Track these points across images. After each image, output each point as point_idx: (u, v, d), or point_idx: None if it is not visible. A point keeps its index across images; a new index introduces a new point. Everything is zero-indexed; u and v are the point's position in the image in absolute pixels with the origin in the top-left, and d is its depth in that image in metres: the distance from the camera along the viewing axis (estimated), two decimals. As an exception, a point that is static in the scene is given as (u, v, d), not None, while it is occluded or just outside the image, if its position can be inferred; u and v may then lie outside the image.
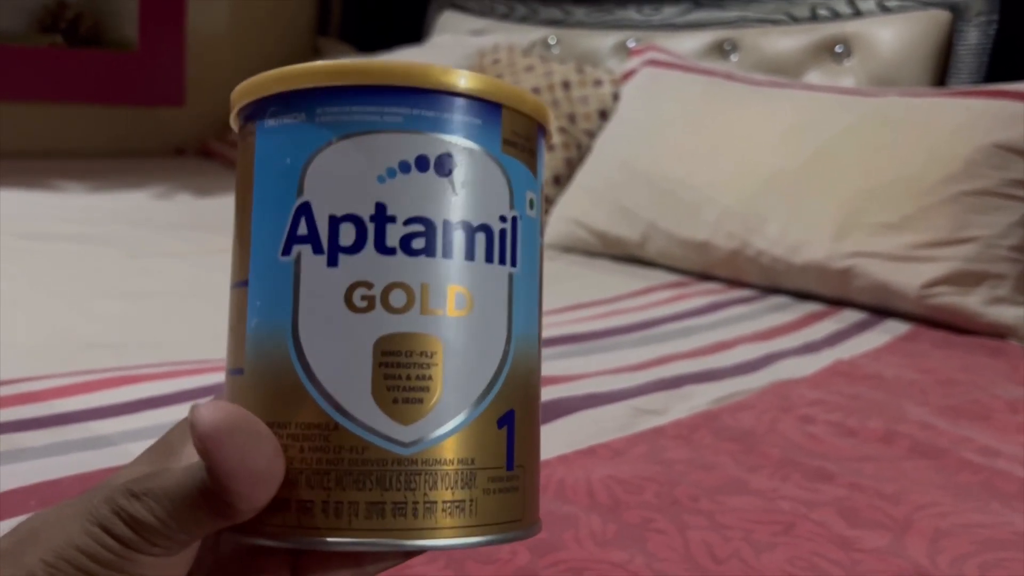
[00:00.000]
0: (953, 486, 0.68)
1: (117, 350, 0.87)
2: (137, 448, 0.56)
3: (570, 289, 1.29)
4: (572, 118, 1.79)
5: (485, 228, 0.29)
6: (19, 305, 1.00)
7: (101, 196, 1.84)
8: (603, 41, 2.04)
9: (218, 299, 0.30)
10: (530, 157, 0.31)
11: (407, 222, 0.28)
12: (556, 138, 1.77)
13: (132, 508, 0.26)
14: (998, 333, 1.19)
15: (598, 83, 1.81)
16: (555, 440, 0.72)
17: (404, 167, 0.28)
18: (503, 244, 0.29)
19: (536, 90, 1.83)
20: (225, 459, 0.25)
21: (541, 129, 0.32)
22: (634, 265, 1.52)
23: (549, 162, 1.76)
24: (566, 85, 1.82)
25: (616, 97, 1.78)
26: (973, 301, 1.20)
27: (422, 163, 0.28)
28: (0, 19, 2.46)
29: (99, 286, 1.12)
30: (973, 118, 1.28)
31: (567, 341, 1.00)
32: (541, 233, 0.32)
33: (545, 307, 0.33)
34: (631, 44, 1.97)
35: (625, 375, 0.89)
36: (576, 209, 1.60)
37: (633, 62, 1.79)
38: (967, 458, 0.73)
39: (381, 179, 0.28)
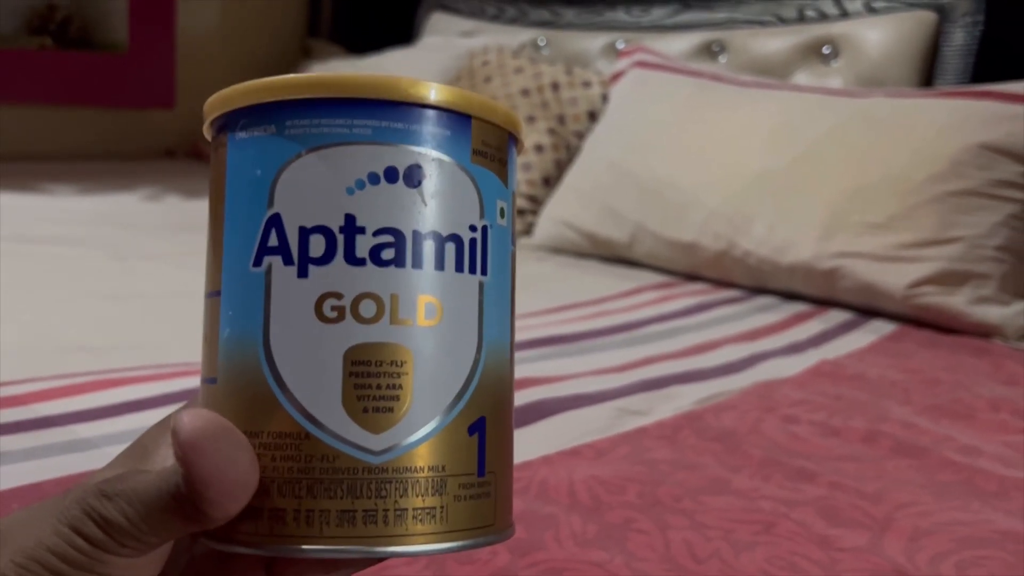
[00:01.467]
0: (934, 485, 0.69)
1: (100, 353, 0.87)
2: (119, 451, 0.56)
3: (558, 290, 1.29)
4: (561, 119, 1.80)
5: (455, 238, 0.29)
6: (4, 307, 1.00)
7: (90, 198, 1.84)
8: (592, 42, 2.04)
9: (202, 302, 0.30)
10: (500, 167, 0.31)
11: (376, 233, 0.28)
12: (545, 139, 1.77)
13: (103, 508, 0.26)
14: (983, 332, 1.20)
15: (587, 84, 1.82)
16: (538, 441, 0.72)
17: (373, 179, 0.28)
18: (473, 253, 0.29)
19: (526, 91, 1.83)
20: (203, 467, 0.25)
21: (512, 138, 0.32)
22: (622, 266, 1.52)
23: (538, 163, 1.76)
24: (555, 86, 1.82)
25: (605, 98, 1.79)
26: (958, 301, 1.21)
27: (391, 174, 0.28)
28: (-11, 21, 2.45)
29: (84, 288, 1.12)
30: (959, 118, 1.29)
31: (553, 342, 1.01)
32: (513, 241, 0.32)
33: (532, 308, 0.33)
34: (620, 45, 1.97)
35: (610, 376, 0.89)
36: (565, 210, 1.60)
37: (622, 63, 1.80)
38: (949, 457, 0.74)
39: (350, 191, 0.28)
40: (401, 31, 2.58)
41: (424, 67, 2.05)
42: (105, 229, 1.51)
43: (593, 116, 1.78)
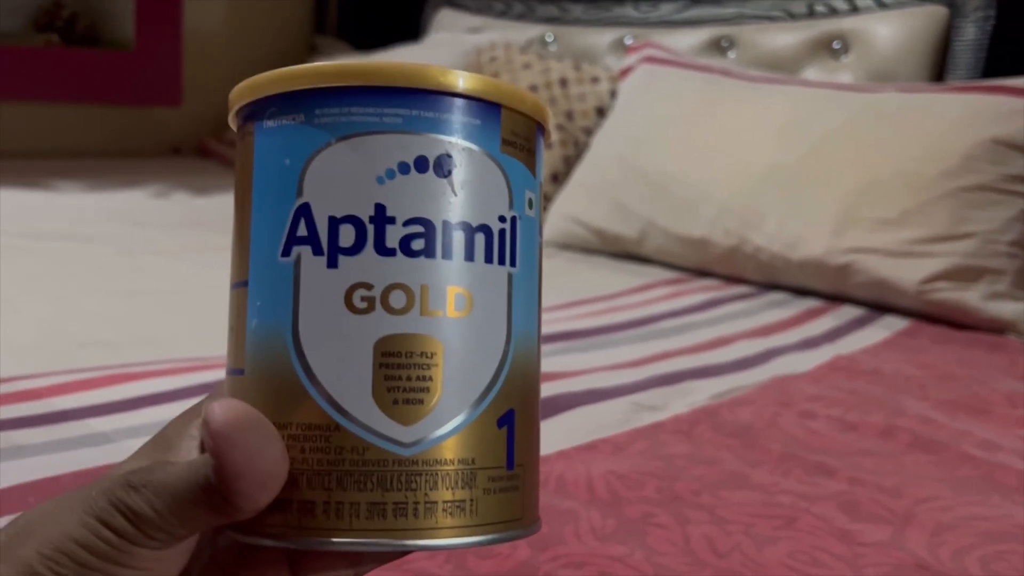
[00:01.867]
0: (953, 480, 0.68)
1: (113, 348, 0.87)
2: (134, 445, 0.55)
3: (568, 286, 1.29)
4: (570, 115, 1.79)
5: (484, 228, 0.29)
6: (16, 303, 1.00)
7: (97, 195, 1.84)
8: (600, 38, 2.04)
9: (214, 297, 0.30)
10: (529, 157, 0.31)
11: (406, 223, 0.28)
12: (554, 135, 1.77)
13: (130, 500, 0.26)
14: (997, 328, 1.19)
15: (595, 80, 1.81)
16: (555, 436, 0.71)
17: (403, 168, 0.28)
18: (502, 244, 0.29)
19: (534, 87, 1.83)
20: (235, 459, 0.25)
21: (540, 128, 0.32)
22: (632, 262, 1.52)
23: (547, 159, 1.76)
24: (563, 82, 1.82)
25: (613, 94, 1.78)
26: (972, 296, 1.20)
27: (421, 164, 0.28)
28: (-4, 18, 2.45)
29: (95, 284, 1.12)
30: (971, 113, 1.28)
31: (566, 337, 1.00)
32: (540, 232, 0.32)
33: (544, 304, 0.33)
34: (628, 41, 1.97)
35: (624, 371, 0.89)
36: (574, 206, 1.60)
37: (630, 59, 1.79)
38: (967, 452, 0.73)
39: (380, 180, 0.28)
40: (408, 27, 2.57)
41: (431, 63, 2.05)
42: (113, 226, 1.51)
43: (601, 112, 1.78)
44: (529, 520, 0.30)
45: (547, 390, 0.80)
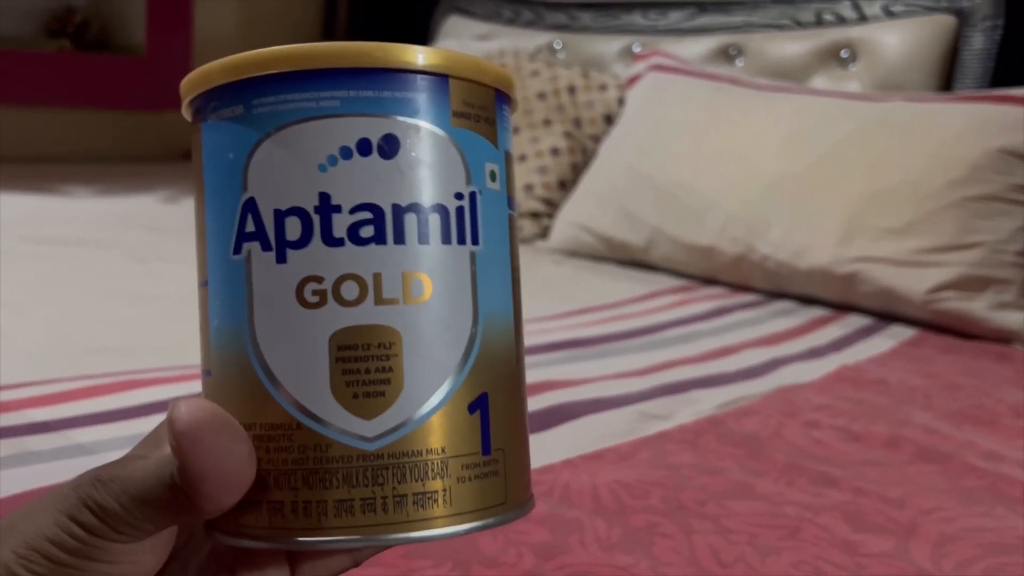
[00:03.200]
0: (958, 491, 0.68)
1: (122, 354, 0.88)
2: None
3: (575, 293, 1.29)
4: (578, 123, 1.80)
5: (439, 208, 0.28)
6: (26, 309, 1.01)
7: (108, 200, 1.85)
8: (609, 46, 2.04)
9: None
10: (488, 127, 0.29)
11: (353, 210, 0.27)
12: (561, 143, 1.77)
13: (97, 495, 0.26)
14: (1003, 338, 1.19)
15: (603, 88, 1.82)
16: (560, 444, 0.72)
17: (345, 153, 0.27)
18: (461, 223, 0.28)
19: (542, 95, 1.83)
20: (199, 461, 0.25)
21: (501, 96, 0.30)
22: (639, 270, 1.52)
23: (555, 167, 1.76)
24: (572, 90, 1.83)
25: (621, 102, 1.79)
26: (979, 306, 1.20)
27: (364, 147, 0.27)
28: (8, 24, 2.47)
29: (104, 290, 1.13)
30: (978, 123, 1.28)
31: (572, 346, 1.01)
32: (511, 205, 0.30)
33: (550, 312, 0.32)
34: (637, 49, 1.97)
35: (630, 380, 0.89)
36: (581, 214, 1.60)
37: (638, 67, 1.80)
38: (972, 463, 0.73)
39: (323, 168, 0.27)
40: (417, 35, 2.58)
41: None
42: (124, 231, 1.51)
43: (609, 119, 1.78)
44: (514, 503, 0.29)
45: (553, 398, 0.81)
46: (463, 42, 2.26)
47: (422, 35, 2.56)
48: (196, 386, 0.77)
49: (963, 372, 1.02)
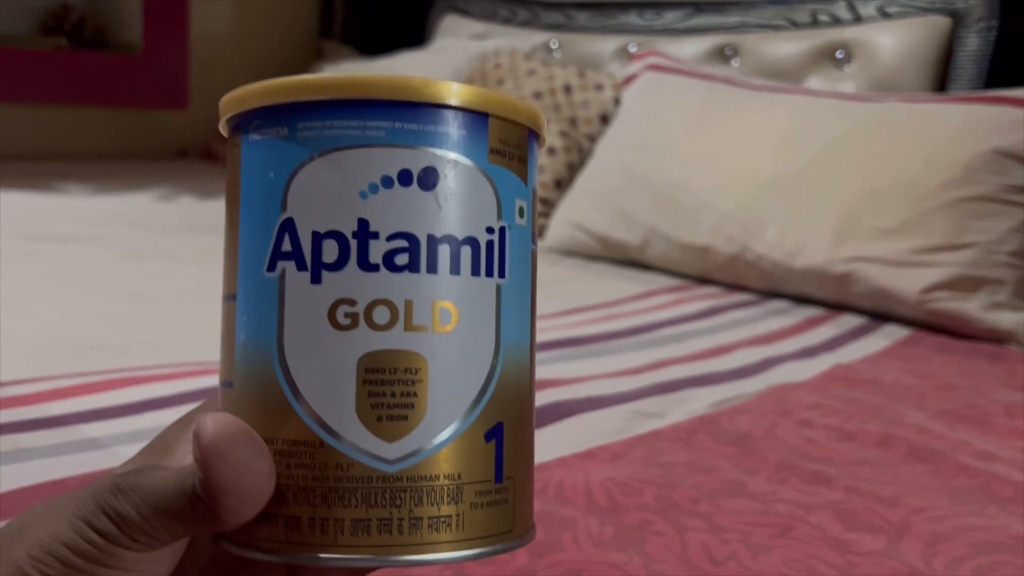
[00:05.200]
0: (950, 490, 0.69)
1: (118, 351, 0.88)
2: (131, 450, 0.56)
3: (570, 292, 1.29)
4: (573, 122, 1.80)
5: (471, 241, 0.28)
6: (21, 306, 1.01)
7: (104, 198, 1.85)
8: (605, 46, 2.05)
9: (219, 301, 0.30)
10: (520, 164, 0.30)
11: (390, 238, 0.27)
12: (557, 142, 1.77)
13: (117, 503, 0.26)
14: (997, 338, 1.20)
15: (599, 87, 1.82)
16: (554, 442, 0.72)
17: (387, 182, 0.28)
18: (490, 256, 0.29)
19: (538, 94, 1.84)
20: (222, 473, 0.26)
21: (532, 134, 0.31)
22: (634, 269, 1.52)
23: (551, 166, 1.76)
24: (567, 89, 1.83)
25: (617, 101, 1.79)
26: (972, 306, 1.21)
27: (405, 177, 0.28)
28: (4, 21, 2.47)
29: (100, 287, 1.13)
30: (973, 123, 1.28)
31: (567, 344, 1.01)
32: (533, 239, 0.31)
33: (545, 311, 0.33)
34: (632, 49, 1.98)
35: (624, 378, 0.90)
36: (577, 213, 1.60)
37: (634, 67, 1.80)
38: (964, 462, 0.74)
39: (363, 195, 0.28)
40: (413, 33, 2.58)
41: (436, 69, 2.06)
42: (119, 229, 1.51)
43: (605, 119, 1.79)
44: (520, 531, 0.30)
45: (548, 397, 0.81)
46: (460, 41, 2.26)
47: (418, 35, 2.56)
48: (192, 383, 0.77)
49: (956, 372, 1.02)
